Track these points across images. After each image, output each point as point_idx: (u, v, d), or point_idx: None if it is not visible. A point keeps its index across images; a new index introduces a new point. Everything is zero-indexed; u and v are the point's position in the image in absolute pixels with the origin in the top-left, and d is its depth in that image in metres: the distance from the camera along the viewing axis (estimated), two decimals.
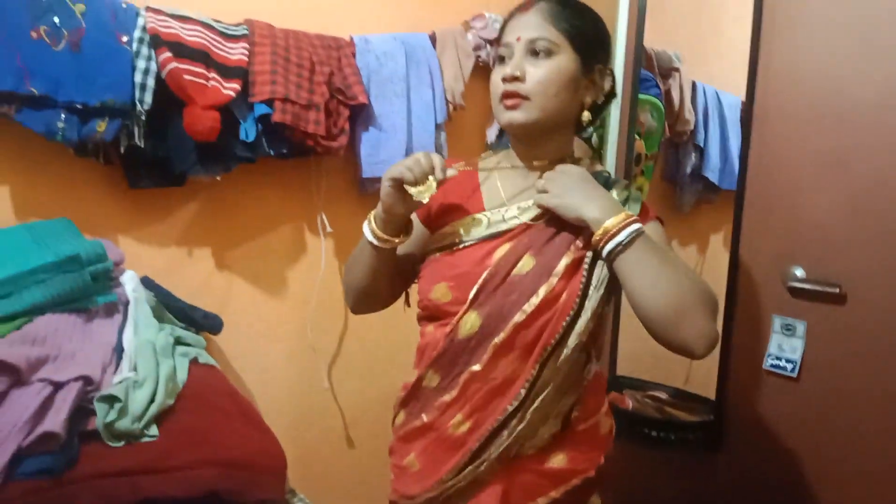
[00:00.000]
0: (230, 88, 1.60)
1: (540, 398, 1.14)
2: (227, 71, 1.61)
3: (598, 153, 2.33)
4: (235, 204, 1.79)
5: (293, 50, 1.72)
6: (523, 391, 1.13)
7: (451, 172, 1.16)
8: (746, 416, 1.84)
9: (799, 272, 1.74)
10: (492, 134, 2.14)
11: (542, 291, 1.14)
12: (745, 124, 1.93)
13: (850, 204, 1.64)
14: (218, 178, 1.67)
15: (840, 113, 1.65)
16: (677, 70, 2.43)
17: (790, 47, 1.80)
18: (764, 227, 1.82)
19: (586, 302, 1.14)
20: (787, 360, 1.75)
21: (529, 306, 1.13)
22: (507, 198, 1.26)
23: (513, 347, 1.14)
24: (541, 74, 1.17)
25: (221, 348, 1.80)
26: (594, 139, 2.30)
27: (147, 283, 1.62)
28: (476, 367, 1.15)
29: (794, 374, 1.73)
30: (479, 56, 2.06)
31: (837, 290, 1.64)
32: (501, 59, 1.21)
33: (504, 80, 1.18)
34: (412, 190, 1.10)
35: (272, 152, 1.70)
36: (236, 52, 1.64)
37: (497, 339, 1.13)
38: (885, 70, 1.59)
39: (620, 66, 2.25)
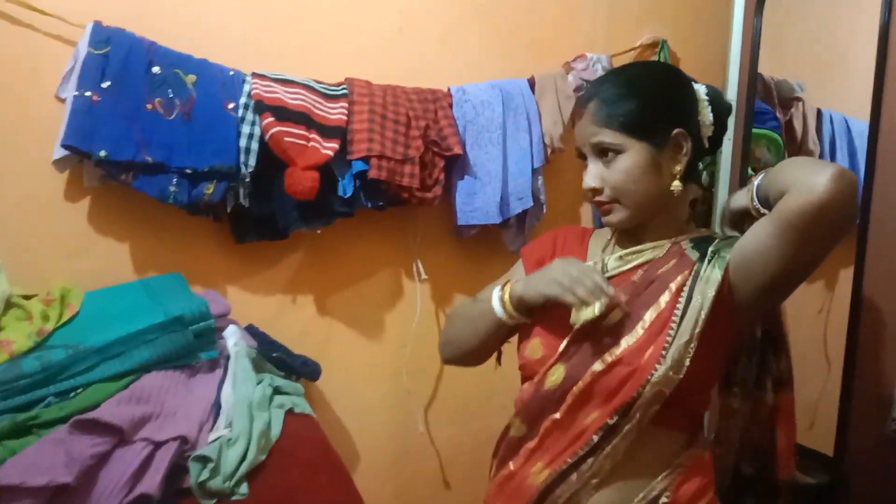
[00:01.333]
0: (329, 148, 1.67)
1: (612, 444, 1.12)
2: (326, 131, 1.68)
3: (709, 192, 2.23)
4: (335, 253, 1.86)
5: (390, 106, 1.77)
6: (596, 437, 1.12)
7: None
8: (868, 482, 1.70)
9: None
10: None
11: (624, 342, 1.13)
12: (870, 154, 1.78)
13: None
14: (318, 232, 1.75)
15: None
16: (800, 99, 2.28)
17: None
18: (891, 270, 1.67)
19: (670, 352, 1.11)
20: None
21: (610, 356, 1.13)
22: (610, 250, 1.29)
23: (591, 396, 1.14)
24: (616, 178, 1.17)
25: (322, 390, 1.87)
26: (705, 177, 2.20)
27: (252, 330, 1.73)
28: (556, 416, 1.15)
29: None
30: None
31: None
32: (583, 158, 1.22)
33: (584, 195, 1.20)
34: (575, 314, 1.12)
35: (369, 205, 1.75)
36: (336, 112, 1.71)
37: (576, 388, 1.14)
38: None
39: (733, 98, 2.14)
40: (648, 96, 1.20)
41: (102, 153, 1.47)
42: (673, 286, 1.17)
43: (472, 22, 1.96)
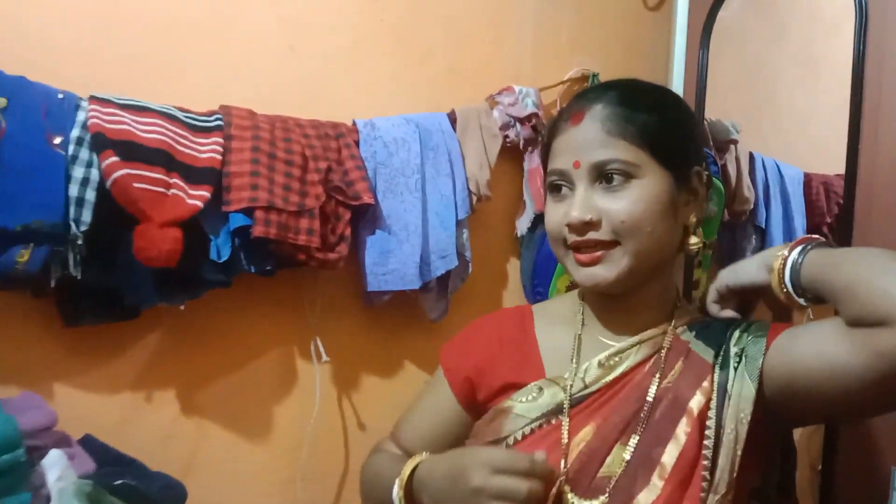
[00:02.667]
0: (197, 197, 1.25)
1: None
2: (194, 174, 1.27)
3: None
4: (206, 333, 1.43)
5: (280, 143, 1.38)
6: None
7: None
8: None
9: None
10: (522, 225, 1.78)
11: (642, 501, 0.81)
12: (846, 211, 1.56)
13: None
14: (181, 308, 1.31)
15: None
16: (735, 142, 2.08)
17: None
18: None
19: None
20: None
21: None
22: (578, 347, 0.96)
23: None
24: (623, 210, 0.84)
25: None
26: None
27: (89, 444, 1.25)
28: None
29: None
30: (507, 136, 1.72)
31: None
32: (555, 189, 0.89)
33: (571, 228, 0.84)
34: None
35: (253, 269, 1.34)
36: (207, 150, 1.30)
37: None
38: None
39: None
40: (674, 113, 0.90)
41: None
42: (693, 407, 0.84)
43: (381, 41, 1.60)
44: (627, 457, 0.85)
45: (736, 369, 0.85)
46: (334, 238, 1.43)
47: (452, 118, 1.66)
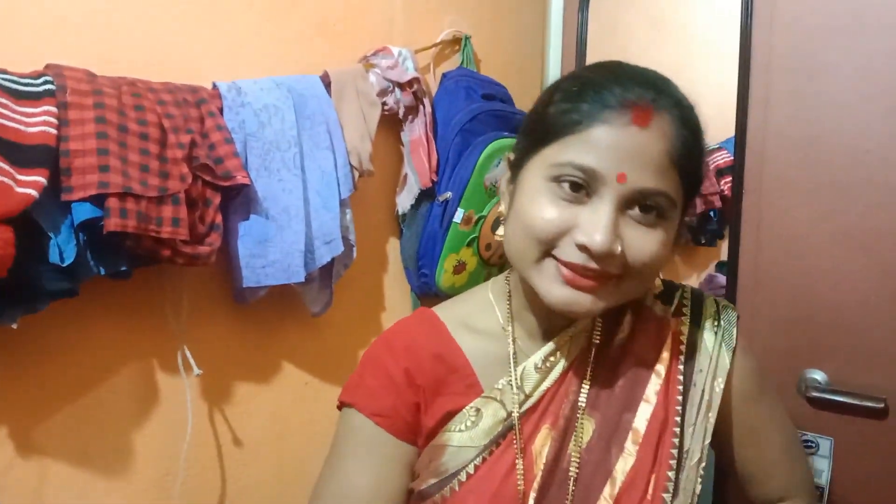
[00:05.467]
0: (29, 184, 0.96)
1: None
2: (22, 154, 0.97)
3: None
4: (45, 354, 1.12)
5: (131, 111, 1.10)
6: None
7: None
8: None
9: (819, 377, 1.40)
10: (404, 202, 1.63)
11: (619, 471, 0.75)
12: (736, 185, 1.57)
13: (887, 291, 1.34)
14: (14, 327, 1.02)
15: (871, 177, 1.34)
16: None
17: (794, 95, 1.46)
18: (766, 320, 1.48)
19: (681, 480, 0.76)
20: None
21: (609, 499, 0.74)
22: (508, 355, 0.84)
23: None
24: (649, 253, 0.72)
25: None
26: None
27: None
28: None
29: None
30: (385, 103, 1.54)
31: (882, 405, 1.32)
32: (568, 185, 0.72)
33: (585, 250, 0.70)
34: None
35: (103, 272, 1.07)
36: (37, 122, 1.00)
37: None
38: None
39: None
40: (704, 148, 0.79)
41: None
42: (661, 368, 0.80)
43: None
44: (593, 426, 0.78)
45: (716, 334, 0.82)
46: (204, 227, 1.19)
47: (326, 81, 1.45)
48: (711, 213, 2.03)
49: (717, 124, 1.72)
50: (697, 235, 2.12)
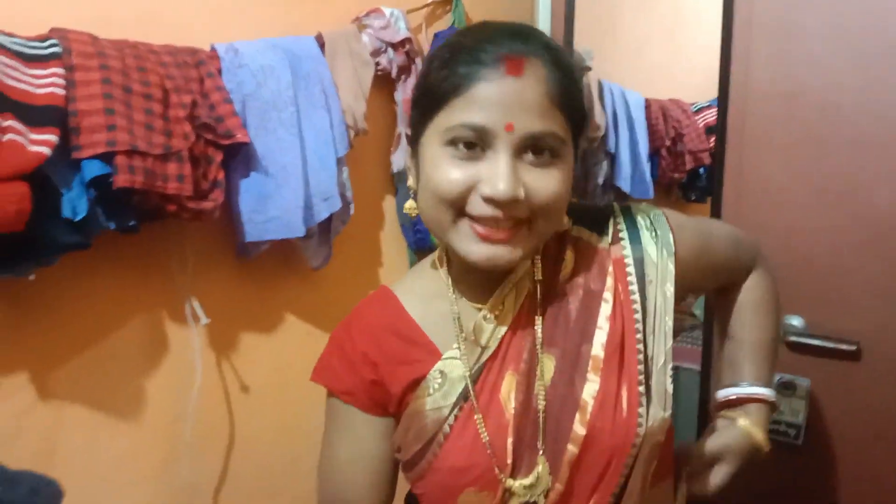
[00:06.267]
0: (41, 143, 1.02)
1: None
2: (33, 114, 1.02)
3: None
4: (59, 305, 1.19)
5: (134, 72, 1.15)
6: None
7: None
8: (742, 487, 1.57)
9: (797, 322, 1.48)
10: (399, 160, 1.69)
11: (587, 396, 0.80)
12: (719, 142, 1.62)
13: (861, 241, 1.40)
14: (31, 278, 1.08)
15: (846, 132, 1.40)
16: (589, 69, 2.10)
17: (774, 55, 1.51)
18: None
19: (653, 387, 0.82)
20: (789, 425, 1.50)
21: (581, 426, 0.79)
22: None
23: (576, 488, 0.81)
24: (550, 192, 0.76)
25: None
26: None
27: None
28: None
29: (799, 441, 1.48)
30: (378, 63, 1.59)
31: (855, 348, 1.40)
32: (463, 145, 0.75)
33: (491, 201, 0.74)
34: None
35: (113, 226, 1.13)
36: (45, 83, 1.05)
37: (554, 493, 0.80)
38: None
39: None
40: (581, 84, 0.83)
41: None
42: (608, 295, 0.84)
43: None
44: (553, 361, 0.83)
45: (656, 244, 0.87)
46: (207, 184, 1.25)
47: (320, 42, 1.50)
48: (701, 171, 2.09)
49: (708, 84, 1.77)
50: (688, 192, 2.18)
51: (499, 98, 0.73)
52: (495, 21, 0.82)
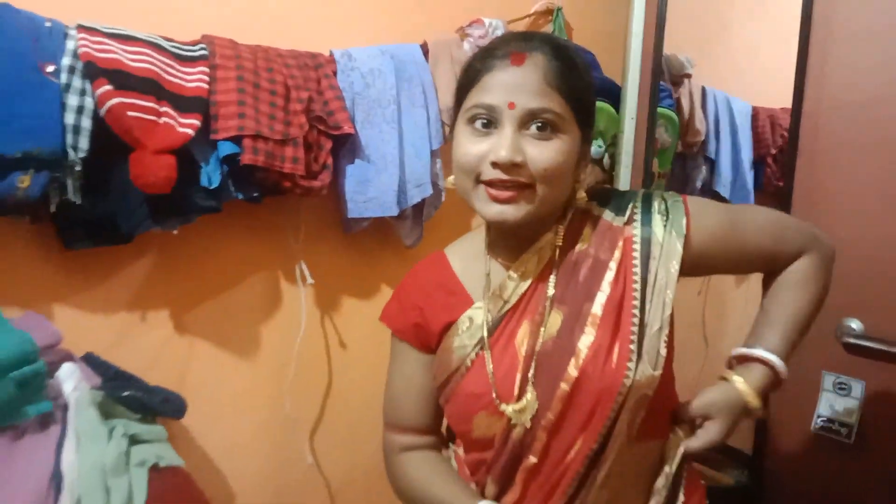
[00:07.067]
0: (187, 125, 1.30)
1: (604, 472, 0.95)
2: (183, 103, 1.31)
3: (610, 175, 2.08)
4: (195, 257, 1.49)
5: (263, 73, 1.42)
6: (583, 469, 0.95)
7: None
8: (790, 480, 1.64)
9: (856, 325, 1.52)
10: None
11: (582, 346, 0.94)
12: (791, 148, 1.69)
13: None
14: (175, 232, 1.37)
15: None
16: (689, 76, 2.18)
17: (848, 61, 1.56)
18: None
19: (644, 346, 0.94)
20: (841, 424, 1.54)
21: (574, 369, 0.94)
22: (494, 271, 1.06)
23: (565, 424, 0.95)
24: (548, 159, 0.92)
25: (186, 427, 1.51)
26: (606, 160, 2.05)
27: (92, 361, 1.32)
28: (533, 460, 0.96)
29: (851, 440, 1.52)
30: None
31: None
32: (478, 123, 0.93)
33: (496, 166, 0.91)
34: None
35: (240, 196, 1.40)
36: (194, 79, 1.34)
37: (546, 421, 0.95)
38: None
39: (636, 77, 1.99)
40: (590, 78, 0.98)
41: None
42: (613, 264, 0.98)
43: None
44: (561, 317, 0.98)
45: (665, 226, 1.00)
46: (317, 166, 1.50)
47: (425, 49, 1.72)
48: None
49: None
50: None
51: (504, 83, 0.92)
52: (518, 31, 1.01)
